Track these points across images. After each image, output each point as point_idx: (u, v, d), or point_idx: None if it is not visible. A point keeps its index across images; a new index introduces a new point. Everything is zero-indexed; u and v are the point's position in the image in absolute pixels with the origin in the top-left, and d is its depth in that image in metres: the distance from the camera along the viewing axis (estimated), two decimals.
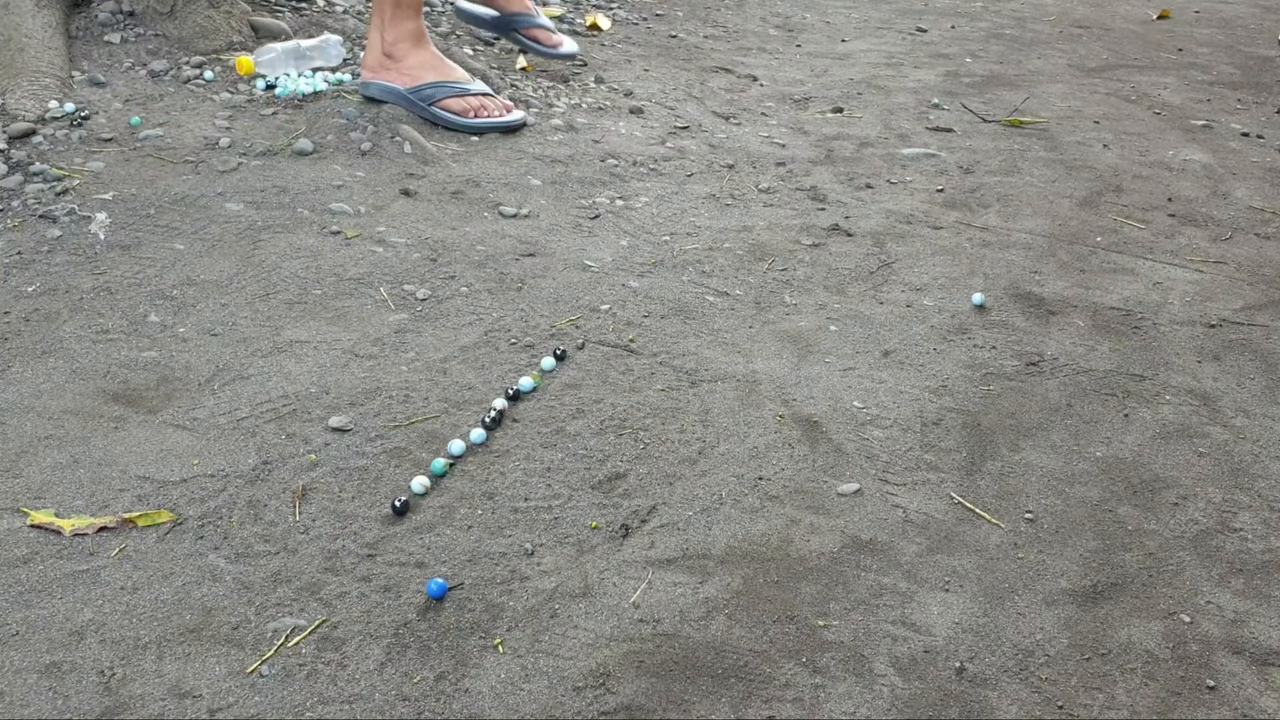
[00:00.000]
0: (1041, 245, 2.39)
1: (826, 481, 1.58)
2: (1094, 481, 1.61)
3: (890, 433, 1.70)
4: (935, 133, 3.08)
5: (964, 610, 1.36)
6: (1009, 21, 4.55)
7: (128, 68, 2.72)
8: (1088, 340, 2.00)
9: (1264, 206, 2.67)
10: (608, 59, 3.49)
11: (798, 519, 1.50)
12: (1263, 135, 3.19)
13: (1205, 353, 1.98)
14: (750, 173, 2.71)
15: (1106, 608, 1.38)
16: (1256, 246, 2.44)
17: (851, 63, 3.77)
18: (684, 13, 4.23)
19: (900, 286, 2.17)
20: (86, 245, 2.06)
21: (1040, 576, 1.42)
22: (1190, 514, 1.56)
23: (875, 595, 1.37)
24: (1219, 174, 2.86)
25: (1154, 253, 2.39)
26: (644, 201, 2.49)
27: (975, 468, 1.63)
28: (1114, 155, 2.96)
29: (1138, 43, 4.26)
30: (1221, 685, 1.27)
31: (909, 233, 2.42)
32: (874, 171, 2.77)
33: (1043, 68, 3.82)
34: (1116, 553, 1.47)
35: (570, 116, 2.93)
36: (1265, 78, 3.81)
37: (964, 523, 1.52)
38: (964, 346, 1.96)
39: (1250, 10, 4.96)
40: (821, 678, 1.25)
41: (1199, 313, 2.12)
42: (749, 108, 3.20)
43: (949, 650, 1.30)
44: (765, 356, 1.89)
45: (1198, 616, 1.37)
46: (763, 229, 2.40)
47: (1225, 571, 1.45)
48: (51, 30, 2.68)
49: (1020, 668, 1.28)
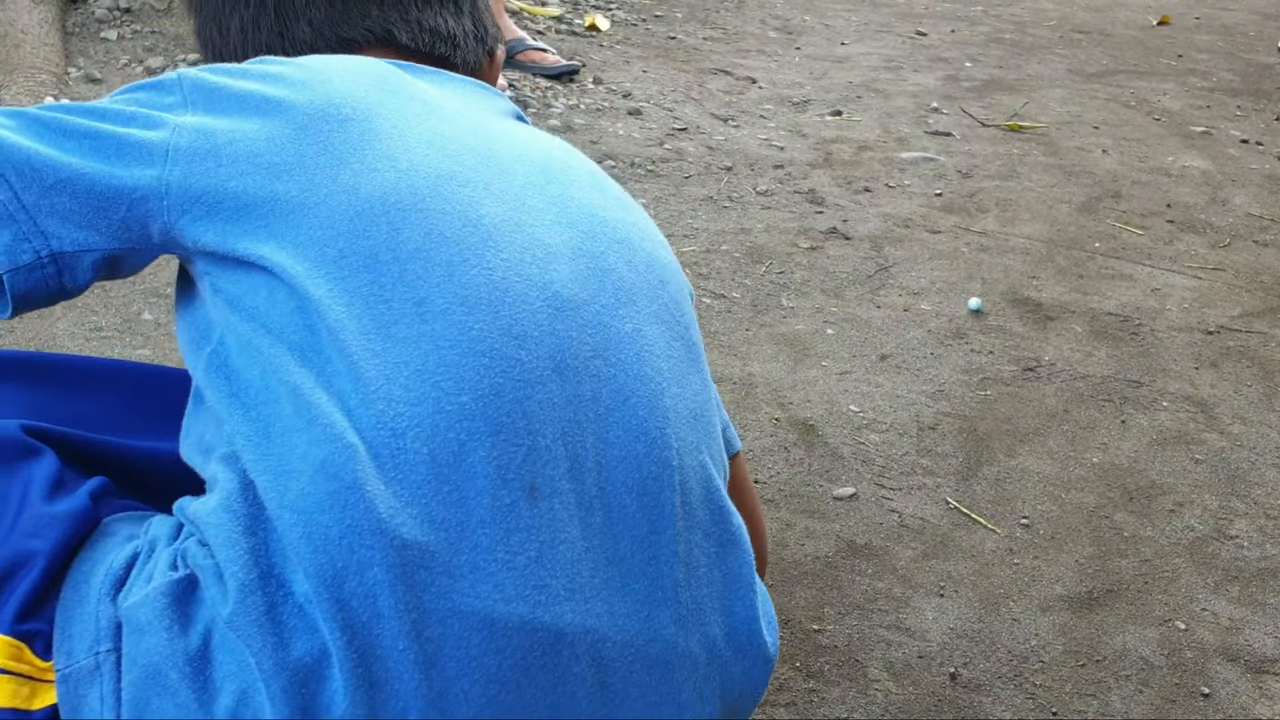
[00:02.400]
0: (1039, 250, 2.39)
1: (822, 485, 1.57)
2: (1090, 487, 1.61)
3: (886, 437, 1.70)
4: (934, 137, 3.07)
5: (959, 615, 1.35)
6: (1009, 26, 4.55)
7: (124, 64, 2.72)
8: (1085, 346, 2.00)
9: (1262, 214, 2.67)
10: (606, 60, 3.49)
11: (793, 523, 1.49)
12: (1262, 142, 3.19)
13: (1203, 359, 1.98)
14: (748, 175, 2.71)
15: (1101, 614, 1.37)
16: (1255, 253, 2.44)
17: (851, 66, 3.77)
18: (683, 14, 4.23)
19: (898, 290, 2.17)
20: None
21: (1035, 582, 1.42)
22: (1186, 521, 1.55)
23: (870, 600, 1.37)
24: (1218, 181, 2.86)
25: (1152, 259, 2.38)
26: (641, 203, 2.48)
27: (971, 473, 1.63)
28: (1113, 161, 2.96)
29: (1138, 49, 4.26)
30: (1216, 692, 1.27)
31: (907, 237, 2.42)
32: (872, 175, 2.76)
33: (1042, 73, 3.82)
34: (1112, 559, 1.47)
35: (568, 117, 2.92)
36: (1265, 85, 3.82)
37: (959, 528, 1.51)
38: (961, 351, 1.96)
39: (1250, 17, 4.97)
40: (815, 682, 1.24)
41: (1197, 319, 2.12)
42: (747, 110, 3.19)
43: (943, 655, 1.29)
44: (762, 359, 1.89)
45: (1193, 624, 1.37)
46: (760, 231, 2.39)
47: (1221, 579, 1.45)
48: (48, 26, 2.67)
49: (1014, 673, 1.27)
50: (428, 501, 0.64)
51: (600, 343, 0.72)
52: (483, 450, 0.66)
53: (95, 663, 0.64)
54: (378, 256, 0.68)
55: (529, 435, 0.67)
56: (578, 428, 0.70)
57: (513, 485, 0.66)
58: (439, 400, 0.66)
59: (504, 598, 0.65)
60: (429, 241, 0.69)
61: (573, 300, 0.72)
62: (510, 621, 0.65)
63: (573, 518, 0.68)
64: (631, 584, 0.71)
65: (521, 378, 0.68)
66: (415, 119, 0.75)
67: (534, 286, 0.71)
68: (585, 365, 0.71)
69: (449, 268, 0.69)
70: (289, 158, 0.71)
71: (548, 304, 0.71)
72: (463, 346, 0.67)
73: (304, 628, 0.63)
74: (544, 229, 0.74)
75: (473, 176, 0.73)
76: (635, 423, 0.72)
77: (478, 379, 0.67)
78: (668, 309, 0.79)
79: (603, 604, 0.69)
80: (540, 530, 0.67)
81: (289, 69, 0.76)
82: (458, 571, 0.64)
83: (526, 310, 0.70)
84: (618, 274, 0.76)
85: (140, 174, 0.70)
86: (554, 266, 0.73)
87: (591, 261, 0.75)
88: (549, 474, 0.68)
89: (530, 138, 0.82)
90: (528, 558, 0.66)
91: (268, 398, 0.66)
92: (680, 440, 0.75)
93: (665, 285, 0.80)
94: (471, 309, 0.68)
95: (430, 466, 0.65)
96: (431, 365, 0.66)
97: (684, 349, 0.79)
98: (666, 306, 0.79)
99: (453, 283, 0.68)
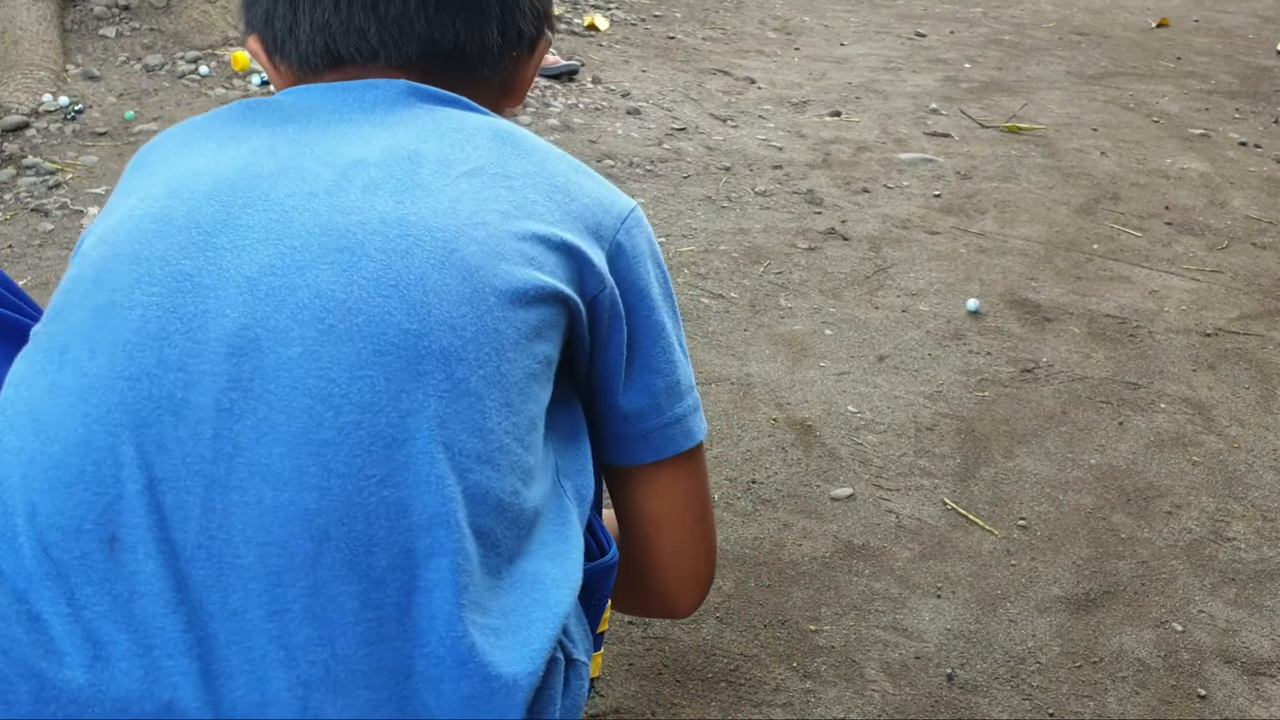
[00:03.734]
0: (1038, 252, 2.39)
1: (820, 486, 1.57)
2: (1088, 489, 1.61)
3: (884, 438, 1.69)
4: (933, 138, 3.07)
5: (956, 616, 1.35)
6: (1008, 28, 4.55)
7: (122, 62, 2.71)
8: (1083, 348, 2.00)
9: (1261, 216, 2.67)
10: (605, 59, 3.49)
11: (790, 523, 1.49)
12: (1260, 145, 3.19)
13: (1200, 362, 1.98)
14: (747, 175, 2.70)
15: (1098, 615, 1.37)
16: (1253, 256, 2.44)
17: (850, 67, 3.77)
18: (682, 14, 4.23)
19: (896, 291, 2.17)
20: (79, 240, 2.05)
21: (1032, 583, 1.42)
22: (1183, 523, 1.55)
23: (867, 600, 1.37)
24: (1216, 183, 2.86)
25: (1150, 261, 2.38)
26: (640, 203, 2.48)
27: (969, 474, 1.63)
28: (1111, 163, 2.96)
29: (1137, 51, 4.26)
30: (1213, 694, 1.26)
31: (905, 238, 2.42)
32: (871, 176, 2.76)
33: (1041, 74, 3.82)
34: (1109, 561, 1.47)
35: (567, 116, 2.92)
36: (1264, 87, 3.82)
37: (957, 529, 1.51)
38: (959, 352, 1.96)
39: (1249, 20, 4.97)
40: (812, 682, 1.24)
41: (1195, 321, 2.12)
42: (746, 110, 3.19)
43: (940, 656, 1.29)
44: (760, 360, 1.89)
45: (1190, 625, 1.37)
46: (759, 232, 2.39)
47: (1218, 581, 1.44)
48: (46, 23, 2.67)
49: (1011, 675, 1.27)
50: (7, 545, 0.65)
51: (249, 371, 0.66)
52: (56, 502, 0.65)
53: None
54: (63, 311, 0.71)
55: (115, 484, 0.64)
56: (186, 470, 0.65)
57: (86, 537, 0.64)
58: (35, 450, 0.66)
59: (55, 652, 0.63)
60: (96, 289, 0.70)
61: (225, 329, 0.66)
62: (64, 675, 0.63)
63: (158, 570, 0.64)
64: (244, 641, 0.64)
65: (121, 423, 0.65)
66: (187, 163, 0.77)
67: (179, 318, 0.67)
68: (214, 401, 0.65)
69: (98, 313, 0.68)
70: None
71: (187, 337, 0.66)
72: (74, 394, 0.66)
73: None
74: (235, 252, 0.69)
75: (194, 213, 0.73)
76: (268, 463, 0.65)
77: (70, 427, 0.66)
78: (378, 321, 0.67)
79: (190, 662, 0.64)
80: (115, 582, 0.64)
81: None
82: (10, 618, 0.64)
83: (153, 347, 0.66)
84: (313, 290, 0.67)
85: None
86: (216, 293, 0.68)
87: (280, 279, 0.67)
88: (134, 524, 0.64)
89: (383, 145, 0.72)
90: (94, 612, 0.64)
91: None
92: (343, 477, 0.65)
93: (399, 289, 0.68)
94: (96, 353, 0.67)
95: (7, 517, 0.65)
96: (45, 415, 0.67)
97: (399, 364, 0.67)
98: (377, 319, 0.67)
99: (95, 327, 0.68)
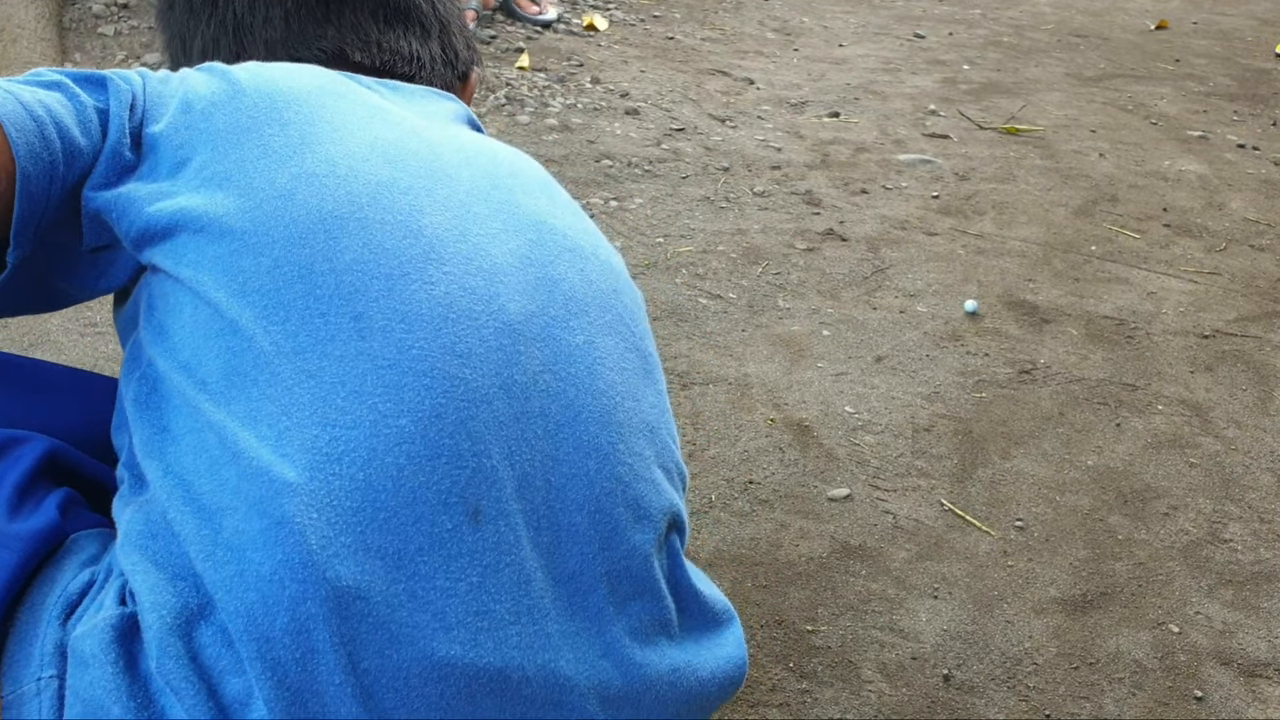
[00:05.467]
0: (1036, 253, 2.39)
1: (817, 486, 1.57)
2: (1085, 490, 1.61)
3: (881, 438, 1.69)
4: (931, 139, 3.07)
5: (952, 617, 1.35)
6: (1007, 29, 4.55)
7: (121, 59, 2.71)
8: (1081, 349, 2.00)
9: (1259, 218, 2.67)
10: (604, 59, 3.49)
11: (787, 523, 1.49)
12: (1259, 147, 3.20)
13: (1198, 363, 1.98)
14: (745, 176, 2.70)
15: (1095, 617, 1.37)
16: (1251, 258, 2.44)
17: (849, 68, 3.77)
18: (681, 14, 4.23)
19: (894, 292, 2.17)
20: None
21: (1029, 585, 1.42)
22: (1180, 524, 1.55)
23: (864, 601, 1.37)
24: (1214, 185, 2.86)
25: (1148, 263, 2.38)
26: (638, 203, 2.48)
27: (966, 475, 1.63)
28: (1110, 165, 2.96)
29: (1135, 53, 4.27)
30: (1209, 696, 1.27)
31: (903, 238, 2.42)
32: (869, 177, 2.76)
33: (1040, 76, 3.83)
34: (1106, 562, 1.47)
35: (565, 116, 2.92)
36: (1262, 90, 3.82)
37: (954, 530, 1.51)
38: (957, 353, 1.96)
39: (1248, 22, 4.97)
40: (809, 683, 1.24)
41: (1192, 323, 2.12)
42: (745, 111, 3.19)
43: (937, 657, 1.29)
44: (757, 360, 1.89)
45: (1186, 627, 1.37)
46: (757, 232, 2.39)
47: (1215, 582, 1.45)
48: (44, 22, 2.67)
49: (1008, 676, 1.27)
50: (363, 530, 0.62)
51: (549, 356, 0.70)
52: (422, 475, 0.63)
53: (37, 688, 0.63)
54: (313, 268, 0.66)
55: (473, 457, 0.65)
56: (525, 446, 0.67)
57: (454, 510, 0.64)
58: (375, 424, 0.63)
59: (444, 625, 0.63)
60: (368, 253, 0.67)
61: (520, 313, 0.70)
62: (451, 649, 0.63)
63: (521, 539, 0.66)
64: (582, 601, 0.69)
65: (465, 397, 0.66)
66: (358, 123, 0.73)
67: (479, 300, 0.68)
68: (533, 381, 0.69)
69: (389, 281, 0.66)
70: (231, 166, 0.69)
71: (493, 318, 0.68)
72: (402, 366, 0.65)
73: (233, 668, 0.61)
74: (489, 238, 0.72)
75: (415, 184, 0.71)
76: (586, 438, 0.70)
77: (418, 401, 0.64)
78: (621, 319, 0.77)
79: (553, 624, 0.67)
80: (483, 554, 0.65)
81: (236, 70, 0.76)
82: (395, 601, 0.62)
83: (471, 326, 0.67)
84: (568, 283, 0.74)
85: None
86: (500, 278, 0.70)
87: (540, 270, 0.72)
88: (495, 495, 0.66)
89: (478, 143, 0.80)
90: (469, 584, 0.64)
91: (195, 438, 0.64)
92: (634, 455, 0.73)
93: (618, 295, 0.78)
94: (412, 326, 0.66)
95: (366, 493, 0.62)
96: (369, 386, 0.64)
97: (638, 360, 0.77)
98: (620, 317, 0.77)
99: (392, 297, 0.66)
